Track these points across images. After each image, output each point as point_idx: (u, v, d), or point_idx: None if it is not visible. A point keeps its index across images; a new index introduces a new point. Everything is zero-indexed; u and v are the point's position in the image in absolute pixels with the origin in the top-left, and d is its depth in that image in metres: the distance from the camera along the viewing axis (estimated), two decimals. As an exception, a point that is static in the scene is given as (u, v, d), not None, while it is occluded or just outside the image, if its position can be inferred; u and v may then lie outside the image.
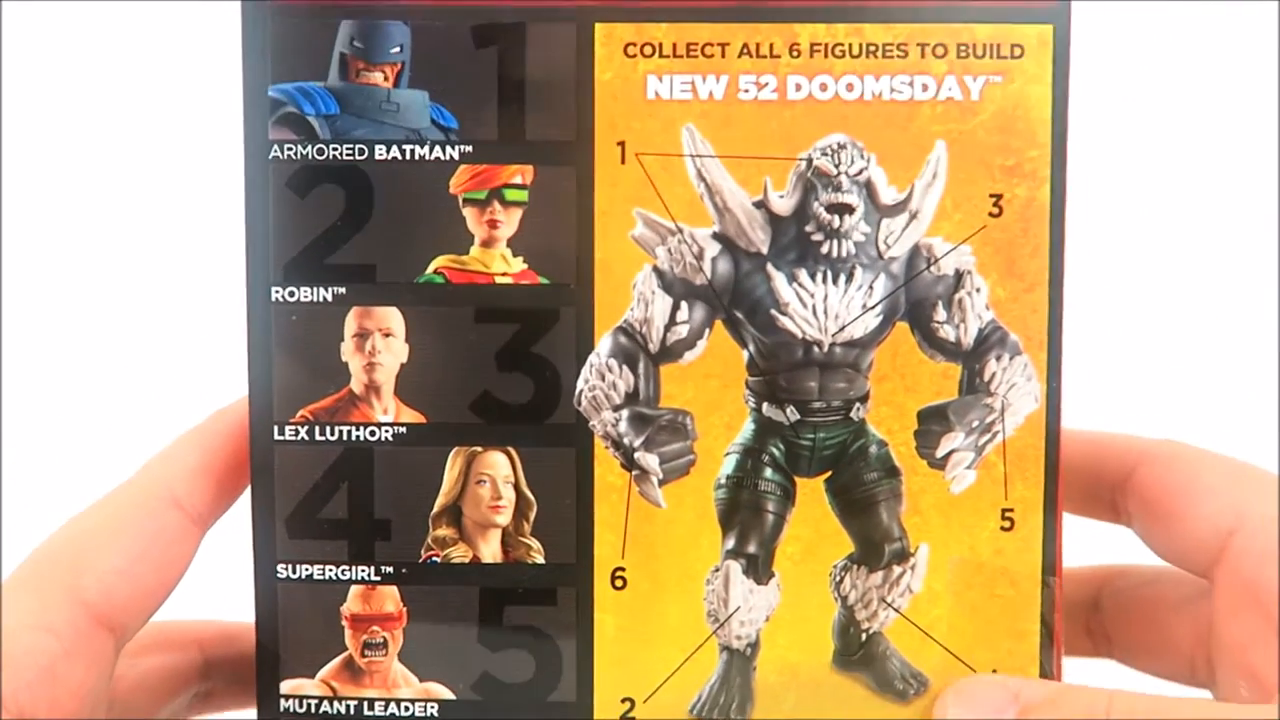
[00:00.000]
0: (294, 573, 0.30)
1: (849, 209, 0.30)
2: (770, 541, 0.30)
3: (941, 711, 0.29)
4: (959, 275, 0.30)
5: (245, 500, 0.31)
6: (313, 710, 0.30)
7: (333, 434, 0.30)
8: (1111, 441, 0.33)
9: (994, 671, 0.30)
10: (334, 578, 0.30)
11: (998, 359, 0.30)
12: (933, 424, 0.30)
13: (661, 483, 0.30)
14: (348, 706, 0.30)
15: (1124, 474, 0.32)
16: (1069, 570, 0.31)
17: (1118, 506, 0.33)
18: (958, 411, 0.30)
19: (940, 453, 0.30)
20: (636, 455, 0.30)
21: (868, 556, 0.30)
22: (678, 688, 0.30)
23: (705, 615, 0.30)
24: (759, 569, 0.30)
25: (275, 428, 0.30)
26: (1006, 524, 0.30)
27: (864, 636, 0.30)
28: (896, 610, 0.30)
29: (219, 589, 0.33)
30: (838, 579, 0.30)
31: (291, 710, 0.30)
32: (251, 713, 0.31)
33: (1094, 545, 0.34)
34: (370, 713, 0.30)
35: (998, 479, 0.30)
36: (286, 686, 0.30)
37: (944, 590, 0.30)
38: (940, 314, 0.30)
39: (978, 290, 0.30)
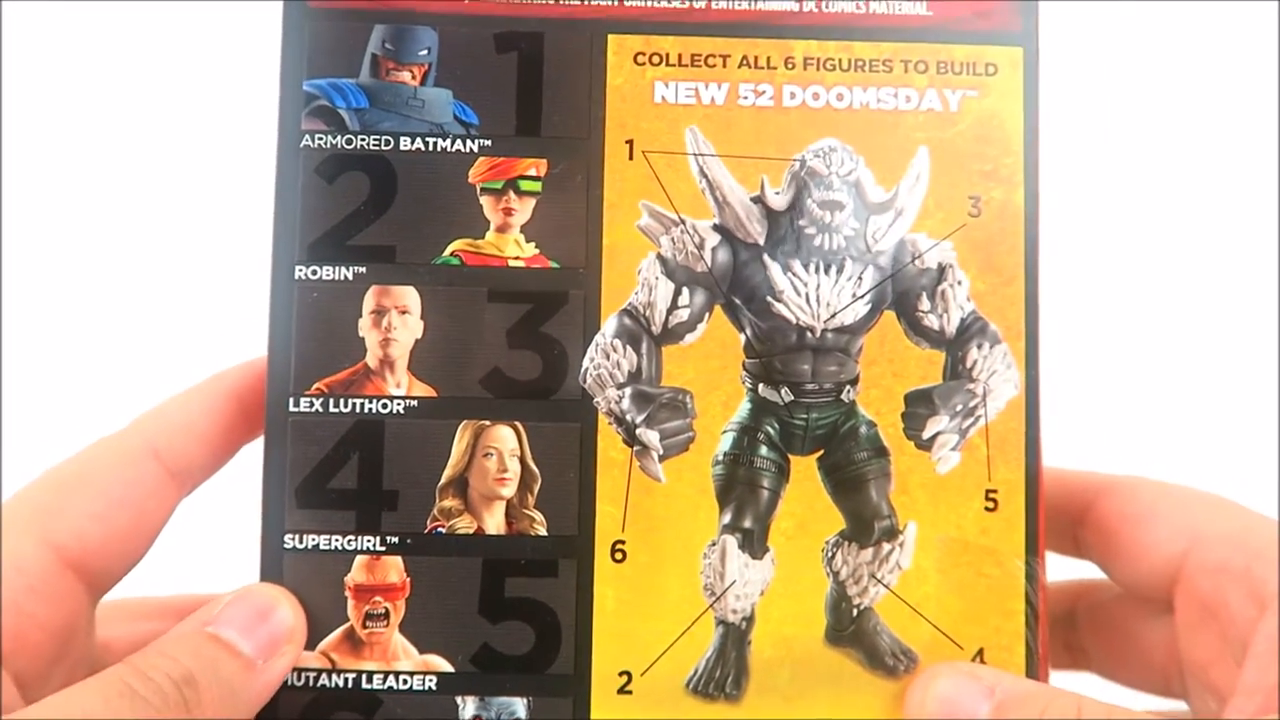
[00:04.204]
0: (300, 543, 0.31)
1: (839, 206, 0.32)
2: (765, 517, 0.31)
3: (918, 705, 0.30)
4: (941, 269, 0.32)
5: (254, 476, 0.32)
6: (310, 683, 0.31)
7: (346, 406, 0.31)
8: (1071, 478, 0.34)
9: (980, 650, 0.31)
10: (340, 548, 0.31)
11: (979, 347, 0.32)
12: (919, 407, 0.32)
13: (662, 458, 0.31)
14: (346, 679, 0.31)
15: (1083, 509, 0.33)
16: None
17: (1078, 541, 0.34)
18: (942, 396, 0.32)
19: (926, 434, 0.32)
20: (638, 431, 0.31)
21: (858, 533, 0.31)
22: (674, 661, 0.31)
23: (702, 589, 0.31)
24: (754, 544, 0.31)
25: (290, 399, 0.31)
26: (990, 504, 0.31)
27: (855, 612, 0.31)
28: (886, 586, 0.31)
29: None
30: (830, 555, 0.31)
31: (289, 684, 0.31)
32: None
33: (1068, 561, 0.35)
34: (369, 685, 0.31)
35: (981, 461, 0.31)
36: (286, 658, 0.31)
37: (932, 568, 0.31)
38: (925, 304, 0.32)
39: (959, 283, 0.32)
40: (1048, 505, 0.32)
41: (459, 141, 0.32)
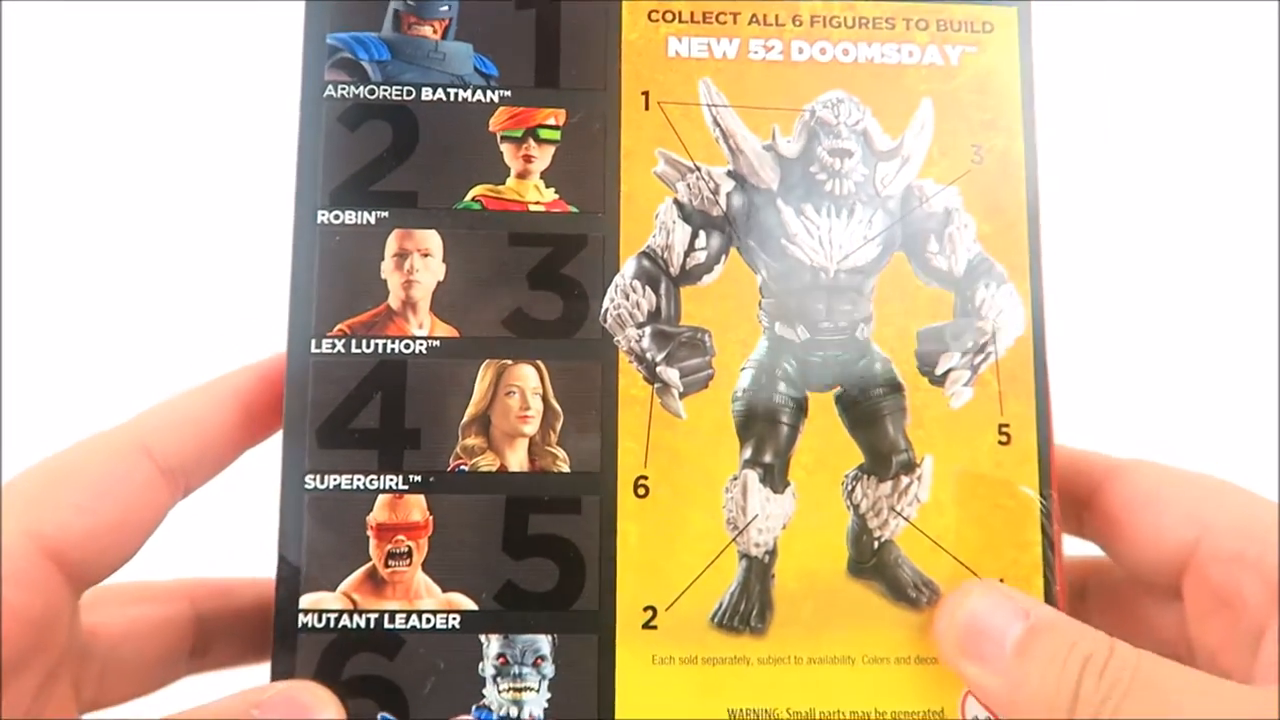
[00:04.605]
0: (322, 483, 0.31)
1: (848, 153, 0.33)
2: (785, 451, 0.32)
3: (949, 620, 0.30)
4: (948, 212, 0.33)
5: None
6: (331, 625, 0.30)
7: (368, 346, 0.31)
8: (1078, 459, 0.34)
9: (1000, 581, 0.31)
10: (362, 487, 0.31)
11: (986, 286, 0.33)
12: (931, 344, 0.32)
13: (682, 395, 0.32)
14: (368, 620, 0.30)
15: (1089, 493, 0.33)
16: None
17: (1083, 522, 0.34)
18: (953, 333, 0.32)
19: (939, 370, 0.32)
20: (658, 369, 0.32)
21: (876, 467, 0.32)
22: (698, 596, 0.31)
23: (725, 523, 0.31)
24: (775, 478, 0.31)
25: (313, 340, 0.31)
26: (1004, 438, 0.32)
27: (876, 544, 0.31)
28: (906, 519, 0.32)
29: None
30: (849, 488, 0.32)
31: (310, 626, 0.30)
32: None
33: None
34: (391, 625, 0.30)
35: (993, 396, 0.32)
36: (306, 601, 0.30)
37: (950, 501, 0.32)
38: (933, 245, 0.33)
39: (965, 226, 0.33)
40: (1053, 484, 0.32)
41: (479, 92, 0.33)
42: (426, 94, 0.33)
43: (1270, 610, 0.29)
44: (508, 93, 0.33)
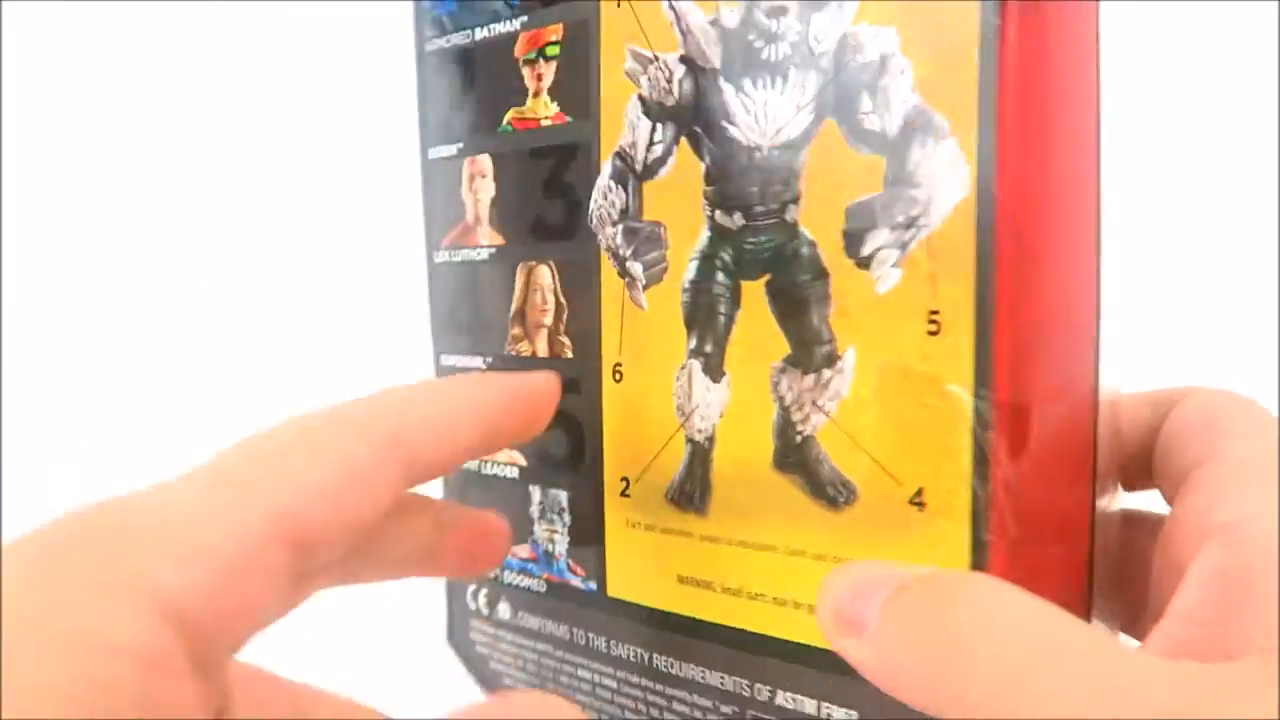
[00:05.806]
0: (441, 364, 0.41)
1: (784, 10, 0.30)
2: (722, 341, 0.32)
3: (824, 590, 0.26)
4: (883, 59, 0.28)
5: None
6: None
7: (457, 256, 0.40)
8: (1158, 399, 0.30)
9: (920, 490, 0.28)
10: (463, 367, 0.40)
11: (922, 145, 0.27)
12: (859, 221, 0.29)
13: (645, 287, 0.34)
14: (476, 465, 0.40)
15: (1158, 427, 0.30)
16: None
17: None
18: (884, 206, 0.28)
19: (865, 250, 0.29)
20: (627, 264, 0.34)
21: (801, 358, 0.30)
22: (657, 473, 0.34)
23: (675, 409, 0.33)
24: (714, 368, 0.32)
25: (434, 253, 0.41)
26: (933, 328, 0.27)
27: (799, 439, 0.30)
28: (826, 414, 0.30)
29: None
30: (776, 380, 0.31)
31: (450, 465, 0.41)
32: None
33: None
34: (488, 471, 0.40)
35: (923, 278, 0.28)
36: (447, 447, 0.41)
37: (871, 397, 0.29)
38: (865, 104, 0.28)
39: (901, 72, 0.28)
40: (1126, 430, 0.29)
41: (506, 21, 0.37)
42: (480, 34, 0.38)
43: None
44: (525, 18, 0.37)
